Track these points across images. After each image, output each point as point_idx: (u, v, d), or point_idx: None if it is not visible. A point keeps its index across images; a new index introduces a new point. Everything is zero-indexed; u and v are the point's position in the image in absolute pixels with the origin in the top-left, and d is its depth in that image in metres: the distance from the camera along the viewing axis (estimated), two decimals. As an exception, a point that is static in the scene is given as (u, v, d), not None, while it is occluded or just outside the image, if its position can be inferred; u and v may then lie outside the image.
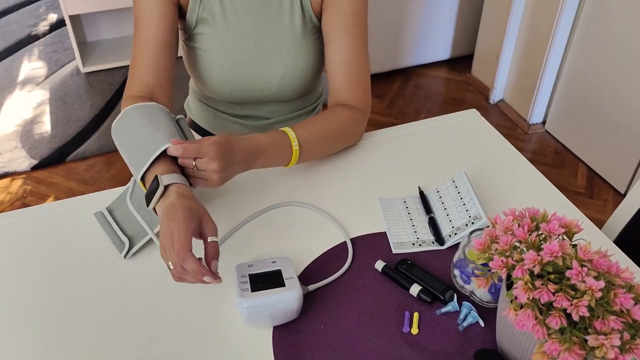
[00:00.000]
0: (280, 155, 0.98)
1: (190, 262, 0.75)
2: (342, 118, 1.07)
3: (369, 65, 1.11)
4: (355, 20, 1.07)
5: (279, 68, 1.11)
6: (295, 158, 1.00)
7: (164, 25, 1.02)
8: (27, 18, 3.47)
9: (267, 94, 1.15)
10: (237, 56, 1.09)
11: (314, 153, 1.05)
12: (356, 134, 1.13)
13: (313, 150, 1.04)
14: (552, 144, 2.50)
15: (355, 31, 1.07)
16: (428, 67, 3.00)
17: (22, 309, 0.85)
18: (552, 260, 0.61)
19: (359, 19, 1.07)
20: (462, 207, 0.95)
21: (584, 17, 2.22)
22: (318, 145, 1.05)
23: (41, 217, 1.00)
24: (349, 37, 1.07)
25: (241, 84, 1.12)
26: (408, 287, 0.86)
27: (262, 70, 1.11)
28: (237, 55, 1.09)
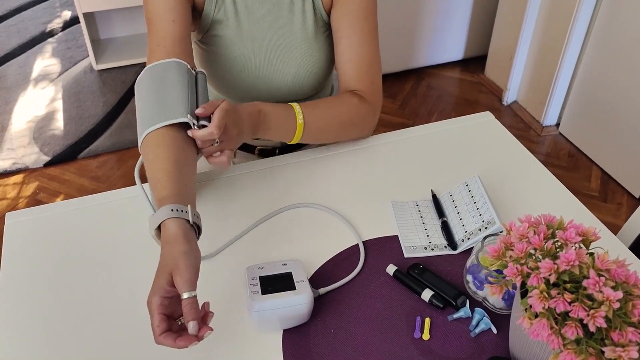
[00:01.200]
0: (284, 126, 1.00)
1: (165, 343, 0.67)
2: (349, 104, 1.07)
3: (379, 59, 1.12)
4: (366, 16, 1.07)
5: (292, 67, 1.10)
6: (300, 132, 1.01)
7: (179, 20, 0.99)
8: (41, 15, 3.49)
9: (280, 93, 1.14)
10: (251, 57, 1.09)
11: (318, 133, 1.06)
12: (364, 126, 1.12)
13: (318, 130, 1.05)
14: (566, 147, 2.47)
15: (365, 27, 1.07)
16: (441, 67, 2.98)
17: (32, 307, 0.85)
18: (569, 269, 0.60)
19: (368, 14, 1.07)
20: (476, 211, 0.94)
21: (600, 19, 2.20)
22: (323, 124, 1.05)
23: (53, 215, 1.00)
24: (359, 33, 1.07)
25: (255, 84, 1.12)
26: (420, 292, 0.85)
27: (275, 70, 1.10)
28: (250, 56, 1.09)
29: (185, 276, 0.69)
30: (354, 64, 1.09)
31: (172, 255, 0.71)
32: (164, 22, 0.98)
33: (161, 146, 0.85)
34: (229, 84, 1.12)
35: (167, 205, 0.75)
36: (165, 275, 0.69)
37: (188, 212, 0.76)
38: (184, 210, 0.76)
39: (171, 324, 0.70)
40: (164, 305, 0.69)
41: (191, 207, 0.77)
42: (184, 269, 0.69)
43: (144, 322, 0.82)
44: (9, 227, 0.98)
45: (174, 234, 0.73)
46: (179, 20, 0.99)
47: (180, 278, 0.69)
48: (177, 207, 0.75)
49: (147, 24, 1.01)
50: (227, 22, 1.06)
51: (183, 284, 0.68)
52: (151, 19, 1.00)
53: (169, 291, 0.69)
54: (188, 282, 0.68)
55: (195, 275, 0.70)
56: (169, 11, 0.98)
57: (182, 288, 0.68)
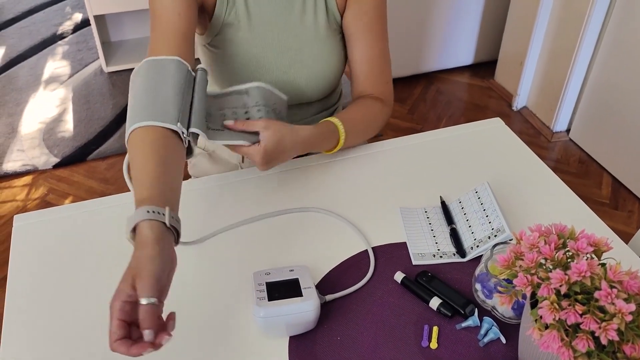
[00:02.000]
0: (327, 146, 1.05)
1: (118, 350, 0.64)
2: (375, 109, 1.12)
3: (390, 60, 1.15)
4: (377, 18, 1.09)
5: (304, 69, 1.10)
6: (337, 149, 1.06)
7: (184, 15, 0.96)
8: (52, 17, 3.52)
9: (291, 96, 1.14)
10: (263, 59, 1.08)
11: (349, 144, 1.09)
12: (382, 124, 1.16)
13: (350, 142, 1.08)
14: (576, 153, 2.45)
15: (376, 28, 1.09)
16: (451, 72, 2.97)
17: (40, 309, 0.85)
18: (580, 280, 0.59)
19: (380, 16, 1.09)
20: (485, 218, 0.93)
21: (612, 25, 2.18)
22: (356, 136, 1.09)
23: (61, 218, 1.00)
24: (372, 35, 1.09)
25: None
26: (428, 300, 0.84)
27: (286, 73, 1.10)
28: (262, 59, 1.08)
29: (146, 281, 0.65)
30: (369, 66, 1.12)
31: (139, 259, 0.67)
32: (169, 15, 0.95)
33: (147, 145, 0.82)
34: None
35: (144, 207, 0.72)
36: (128, 279, 0.66)
37: (165, 214, 0.72)
38: (161, 213, 0.72)
39: (131, 331, 0.66)
40: (125, 310, 0.65)
41: (170, 210, 0.73)
42: (146, 274, 0.65)
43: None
44: (17, 230, 0.98)
45: (146, 237, 0.69)
46: (185, 15, 0.96)
47: (140, 283, 0.65)
48: (154, 209, 0.71)
49: (152, 16, 0.98)
50: (238, 25, 1.05)
51: (142, 289, 0.65)
52: (156, 11, 0.97)
53: (130, 295, 0.65)
54: (148, 287, 0.65)
55: (158, 281, 0.66)
56: (175, 4, 0.95)
57: (141, 293, 0.65)
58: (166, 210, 0.73)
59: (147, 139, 0.83)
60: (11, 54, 3.18)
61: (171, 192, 0.78)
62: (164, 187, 0.77)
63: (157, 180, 0.77)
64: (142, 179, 0.78)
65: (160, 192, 0.76)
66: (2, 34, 3.37)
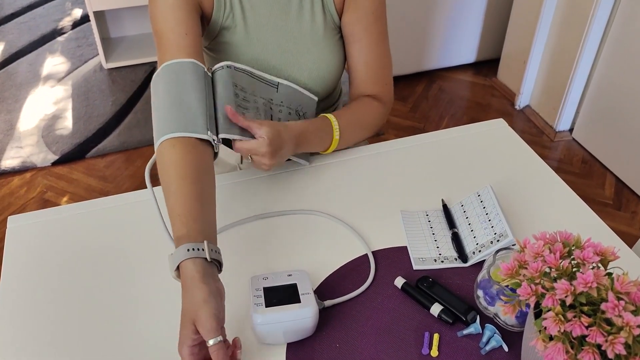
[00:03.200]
0: (322, 142, 1.04)
1: None
2: (372, 110, 1.11)
3: (390, 59, 1.14)
4: (376, 19, 1.07)
5: (303, 71, 1.08)
6: (334, 146, 1.05)
7: (191, 32, 0.95)
8: (52, 13, 3.49)
9: None
10: (261, 63, 1.06)
11: (345, 142, 1.08)
12: (379, 124, 1.15)
13: (346, 139, 1.08)
14: (579, 153, 2.43)
15: (375, 30, 1.08)
16: (453, 70, 2.94)
17: (34, 313, 0.83)
18: (586, 290, 0.57)
19: (379, 17, 1.08)
20: (487, 223, 0.91)
21: (616, 24, 2.15)
22: (352, 134, 1.08)
23: (57, 219, 0.99)
24: (370, 36, 1.08)
25: None
26: (429, 306, 0.83)
27: (286, 76, 1.08)
28: (260, 62, 1.06)
29: (208, 324, 0.68)
30: (368, 68, 1.11)
31: (193, 303, 0.70)
32: (175, 36, 0.94)
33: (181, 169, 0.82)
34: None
35: (184, 245, 0.73)
36: (189, 325, 0.69)
37: (205, 249, 0.74)
38: (200, 249, 0.74)
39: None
40: (194, 353, 0.69)
41: (208, 243, 0.75)
42: (205, 317, 0.68)
43: (148, 328, 0.81)
44: (11, 231, 0.97)
45: (191, 277, 0.72)
46: (191, 33, 0.95)
47: (202, 327, 0.68)
48: (193, 247, 0.73)
49: (157, 37, 0.97)
50: (235, 29, 1.04)
51: (206, 332, 0.68)
52: (161, 32, 0.96)
53: (195, 339, 0.69)
54: (211, 330, 0.68)
55: (217, 321, 0.69)
56: (180, 24, 0.94)
57: (206, 336, 0.68)
58: (205, 244, 0.74)
59: (182, 161, 0.83)
60: (10, 49, 3.16)
61: (209, 225, 0.79)
62: (203, 221, 0.78)
63: (195, 214, 0.78)
64: (180, 214, 0.78)
65: (199, 226, 0.77)
66: (1, 29, 3.35)
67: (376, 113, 1.12)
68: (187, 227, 0.76)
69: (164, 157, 0.85)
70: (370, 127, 1.13)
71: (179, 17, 0.95)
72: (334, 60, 1.10)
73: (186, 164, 0.83)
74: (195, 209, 0.79)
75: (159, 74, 0.92)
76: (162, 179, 0.84)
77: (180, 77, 0.90)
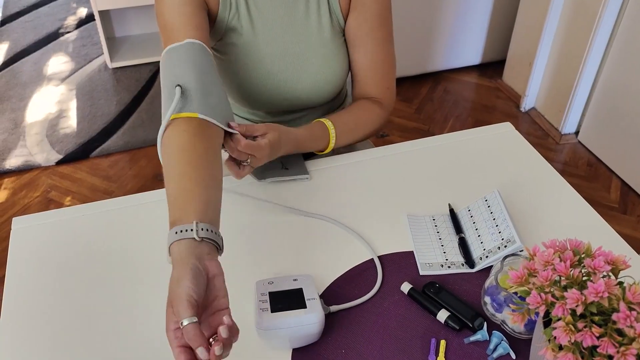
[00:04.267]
0: (318, 146, 1.07)
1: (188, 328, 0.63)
2: (371, 114, 1.12)
3: (394, 63, 1.14)
4: (381, 23, 1.07)
5: (309, 74, 1.08)
6: (330, 149, 1.07)
7: (200, 27, 0.94)
8: (57, 11, 3.50)
9: (297, 101, 1.12)
10: (267, 65, 1.06)
11: (341, 143, 1.10)
12: (379, 126, 1.16)
13: (342, 142, 1.09)
14: (585, 156, 2.41)
15: (379, 34, 1.08)
16: (458, 71, 2.93)
17: (38, 316, 0.83)
18: (597, 300, 0.56)
19: (383, 21, 1.07)
20: (495, 228, 0.90)
21: (623, 26, 2.14)
22: (348, 136, 1.10)
23: (61, 221, 0.98)
24: (374, 40, 1.08)
25: (272, 94, 1.09)
26: (435, 312, 0.82)
27: (292, 78, 1.08)
28: (267, 65, 1.06)
29: (179, 305, 0.64)
30: (371, 72, 1.11)
31: (170, 285, 0.67)
32: (182, 31, 0.92)
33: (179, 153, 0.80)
34: (245, 92, 1.09)
35: (174, 228, 0.71)
36: (168, 308, 0.67)
37: (193, 229, 0.70)
38: (189, 229, 0.70)
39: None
40: (178, 337, 0.65)
41: (198, 222, 0.71)
42: (177, 298, 0.65)
43: (154, 333, 0.80)
44: (16, 233, 0.96)
45: (175, 260, 0.69)
46: (199, 27, 0.94)
47: (175, 308, 0.64)
48: (182, 228, 0.70)
49: (163, 32, 0.96)
50: (241, 30, 1.03)
51: (178, 314, 0.64)
52: (168, 27, 0.94)
53: (176, 322, 0.65)
54: (182, 310, 0.63)
55: (189, 301, 0.64)
56: (187, 19, 0.93)
57: (179, 318, 0.64)
58: (193, 224, 0.71)
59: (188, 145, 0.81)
60: (15, 48, 3.16)
61: (204, 204, 0.75)
62: (199, 202, 0.75)
63: (191, 197, 0.75)
64: (177, 197, 0.76)
65: (192, 207, 0.74)
66: (6, 28, 3.35)
67: (375, 117, 1.13)
68: (180, 210, 0.74)
69: (169, 139, 0.83)
70: (368, 130, 1.14)
71: (186, 12, 0.94)
72: (340, 63, 1.10)
73: (191, 148, 0.81)
74: (192, 191, 0.76)
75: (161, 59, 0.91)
76: (165, 169, 0.81)
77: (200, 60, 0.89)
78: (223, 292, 0.69)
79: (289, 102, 1.11)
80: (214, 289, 0.69)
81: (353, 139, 1.12)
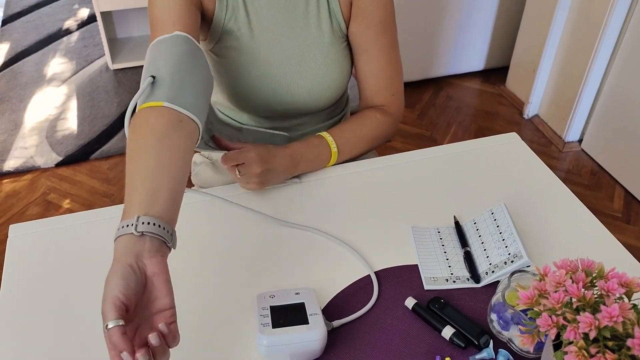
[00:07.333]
0: (321, 158, 1.05)
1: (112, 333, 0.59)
2: (374, 122, 1.10)
3: (399, 70, 1.11)
4: (384, 29, 1.05)
5: (307, 79, 1.06)
6: (334, 159, 1.06)
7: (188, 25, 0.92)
8: (59, 12, 3.48)
9: (295, 106, 1.10)
10: (265, 69, 1.04)
11: (348, 156, 1.08)
12: (386, 137, 1.15)
13: (348, 154, 1.08)
14: (588, 164, 2.40)
15: (383, 41, 1.06)
16: (461, 77, 2.92)
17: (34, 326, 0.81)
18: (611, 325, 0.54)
19: (387, 27, 1.05)
20: (501, 242, 0.89)
21: (629, 33, 2.13)
22: (353, 148, 1.08)
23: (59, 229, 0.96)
24: (379, 47, 1.06)
25: (269, 98, 1.07)
26: (440, 328, 0.80)
27: (289, 83, 1.06)
28: (264, 68, 1.04)
29: (103, 307, 0.60)
30: (374, 79, 1.10)
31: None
32: (169, 26, 0.90)
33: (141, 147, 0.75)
34: (242, 96, 1.08)
35: (119, 224, 0.67)
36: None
37: (133, 224, 0.65)
38: (129, 225, 0.65)
39: None
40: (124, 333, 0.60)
41: (140, 217, 0.65)
42: (104, 300, 0.61)
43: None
44: (12, 241, 0.94)
45: (113, 258, 0.65)
46: (188, 23, 0.91)
47: (102, 310, 0.61)
48: (124, 224, 0.66)
49: (152, 27, 0.94)
50: (239, 32, 1.01)
51: (103, 315, 0.60)
52: (156, 22, 0.92)
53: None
54: (105, 313, 0.60)
55: (111, 303, 0.60)
56: (176, 15, 0.91)
57: (104, 320, 0.60)
58: (134, 218, 0.65)
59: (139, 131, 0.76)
60: (16, 48, 3.14)
61: (148, 195, 0.69)
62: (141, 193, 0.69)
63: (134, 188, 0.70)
64: (126, 190, 0.72)
65: (137, 200, 0.69)
66: (7, 28, 3.33)
67: (380, 125, 1.11)
68: (127, 203, 0.69)
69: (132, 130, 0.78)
70: (376, 140, 1.12)
71: (175, 8, 0.91)
72: (339, 69, 1.08)
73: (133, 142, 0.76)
74: (136, 184, 0.70)
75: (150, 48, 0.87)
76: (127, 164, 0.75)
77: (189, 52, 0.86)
78: (164, 292, 0.64)
79: (285, 106, 1.09)
80: (154, 289, 0.65)
81: (361, 149, 1.10)
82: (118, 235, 0.66)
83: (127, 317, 0.61)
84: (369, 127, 1.10)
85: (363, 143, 1.10)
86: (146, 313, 0.64)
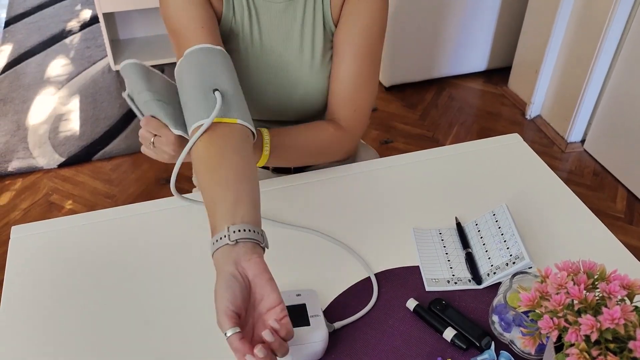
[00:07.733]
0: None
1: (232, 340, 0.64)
2: (323, 134, 1.04)
3: (371, 85, 1.04)
4: (366, 36, 0.99)
5: (301, 85, 1.06)
6: (263, 162, 0.99)
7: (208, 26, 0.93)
8: (62, 13, 3.49)
9: (291, 109, 1.10)
10: (263, 73, 1.04)
11: (283, 161, 1.04)
12: (337, 152, 1.08)
13: (282, 158, 1.03)
14: (591, 165, 2.39)
15: (361, 49, 1.00)
16: (463, 78, 2.91)
17: (35, 328, 0.81)
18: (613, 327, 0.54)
19: (370, 36, 1.00)
20: (503, 244, 0.88)
21: (632, 34, 2.12)
22: (289, 154, 1.03)
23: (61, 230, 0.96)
24: (354, 53, 1.00)
25: (266, 102, 1.07)
26: (442, 330, 0.80)
27: (285, 86, 1.06)
28: (263, 73, 1.04)
29: (218, 319, 0.65)
30: (341, 87, 1.03)
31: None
32: (192, 31, 0.92)
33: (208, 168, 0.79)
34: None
35: (211, 240, 0.71)
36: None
37: (226, 235, 0.69)
38: (222, 237, 0.69)
39: None
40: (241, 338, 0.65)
41: (230, 226, 0.69)
42: (216, 312, 0.65)
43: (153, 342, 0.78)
44: (15, 242, 0.94)
45: (216, 271, 0.69)
46: (207, 25, 0.93)
47: (217, 321, 0.65)
48: (217, 237, 0.70)
49: (173, 36, 0.95)
50: (242, 35, 1.01)
51: (219, 326, 0.65)
52: (177, 31, 0.94)
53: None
54: (221, 323, 0.64)
55: (225, 313, 0.64)
56: (194, 20, 0.93)
57: (221, 330, 0.64)
58: (225, 229, 0.70)
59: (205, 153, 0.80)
60: (19, 49, 3.15)
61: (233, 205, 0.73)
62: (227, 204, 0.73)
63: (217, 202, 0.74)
64: (208, 208, 0.75)
65: (220, 213, 0.72)
66: (10, 29, 3.34)
67: (329, 137, 1.04)
68: (213, 218, 0.73)
69: (194, 154, 0.83)
70: (324, 153, 1.07)
71: (193, 13, 0.93)
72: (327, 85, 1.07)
73: (209, 156, 0.80)
74: (219, 196, 0.74)
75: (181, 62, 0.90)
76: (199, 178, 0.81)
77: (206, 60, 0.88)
78: (269, 290, 0.68)
79: (281, 108, 1.09)
80: (259, 289, 0.68)
81: (303, 159, 1.06)
82: (215, 250, 0.70)
83: (242, 321, 0.66)
84: (315, 137, 1.04)
85: (304, 151, 1.04)
86: (257, 312, 0.68)
